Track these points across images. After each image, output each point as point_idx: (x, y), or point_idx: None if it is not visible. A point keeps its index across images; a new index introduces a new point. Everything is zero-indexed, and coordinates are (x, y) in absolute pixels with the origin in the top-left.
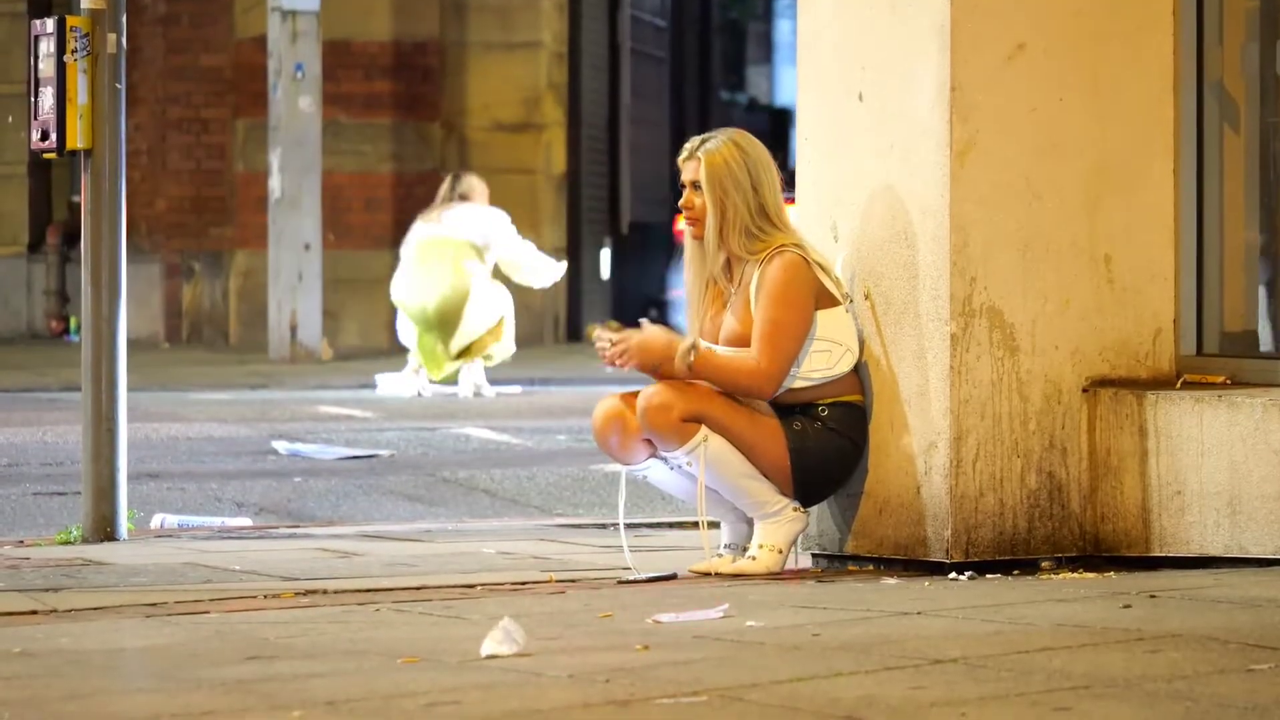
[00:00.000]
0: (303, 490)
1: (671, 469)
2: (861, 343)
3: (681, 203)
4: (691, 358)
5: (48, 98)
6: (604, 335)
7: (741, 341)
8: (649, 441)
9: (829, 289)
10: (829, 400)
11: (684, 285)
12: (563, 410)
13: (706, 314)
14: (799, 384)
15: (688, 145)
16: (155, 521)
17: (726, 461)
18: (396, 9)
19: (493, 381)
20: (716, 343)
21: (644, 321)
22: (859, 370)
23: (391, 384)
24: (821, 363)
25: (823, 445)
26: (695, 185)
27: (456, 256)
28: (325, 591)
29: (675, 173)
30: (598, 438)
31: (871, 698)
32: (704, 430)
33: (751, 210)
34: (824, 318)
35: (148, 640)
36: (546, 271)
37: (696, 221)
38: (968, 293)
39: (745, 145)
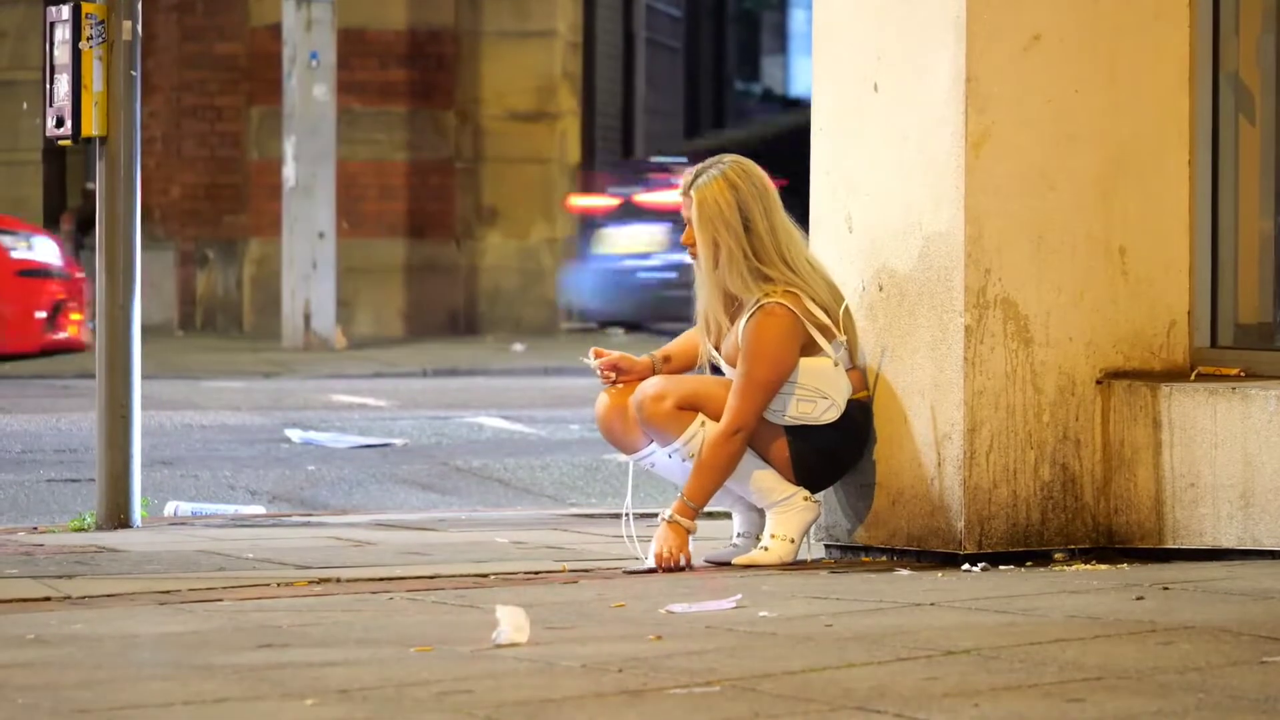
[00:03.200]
0: (316, 478)
1: (671, 458)
2: (849, 386)
3: (683, 239)
4: (690, 526)
5: (63, 84)
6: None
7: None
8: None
9: (818, 341)
10: None
11: (696, 306)
12: (576, 400)
13: (713, 323)
14: (785, 421)
15: (683, 180)
16: (169, 509)
17: None
18: None
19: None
20: (718, 350)
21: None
22: (861, 367)
23: None
24: (806, 410)
25: (822, 440)
26: (691, 222)
27: None
28: (338, 580)
29: (689, 163)
30: (600, 427)
31: (884, 688)
32: (700, 417)
33: (746, 251)
34: (809, 366)
35: (161, 627)
36: None
37: (698, 256)
38: (982, 284)
39: (738, 181)
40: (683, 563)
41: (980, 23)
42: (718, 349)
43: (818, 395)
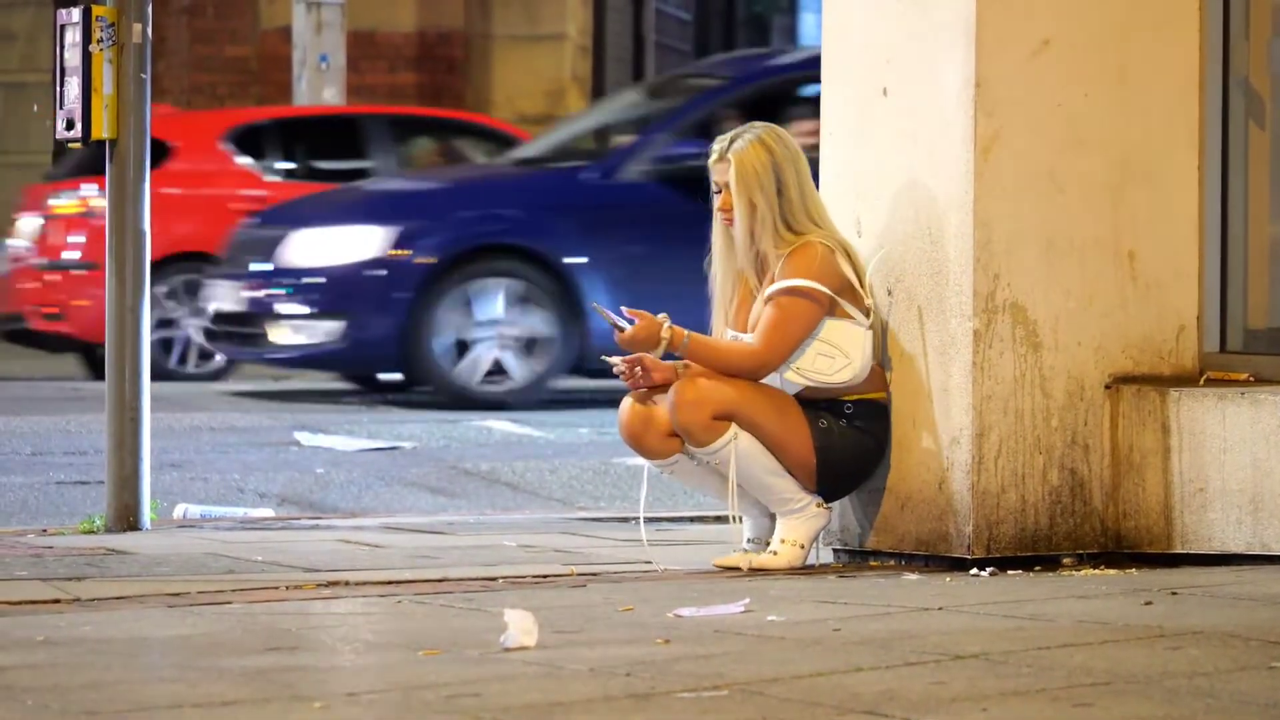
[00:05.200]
0: (325, 481)
1: (698, 464)
2: (873, 354)
3: (719, 205)
4: (667, 334)
5: (73, 87)
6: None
7: None
8: (676, 438)
9: (855, 287)
10: (854, 397)
11: (711, 274)
12: (585, 403)
13: (733, 303)
14: (798, 380)
15: (717, 146)
16: (178, 512)
17: (754, 458)
18: (421, 0)
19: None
20: (745, 332)
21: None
22: (883, 367)
23: None
24: (823, 366)
25: (847, 443)
26: (728, 186)
27: None
28: (347, 583)
29: (711, 151)
30: (624, 433)
31: (892, 692)
32: (734, 428)
33: (776, 214)
34: (834, 324)
35: (170, 630)
36: None
37: (732, 221)
38: (991, 288)
39: (772, 144)
40: (638, 373)
41: (990, 27)
42: (741, 330)
43: (836, 351)
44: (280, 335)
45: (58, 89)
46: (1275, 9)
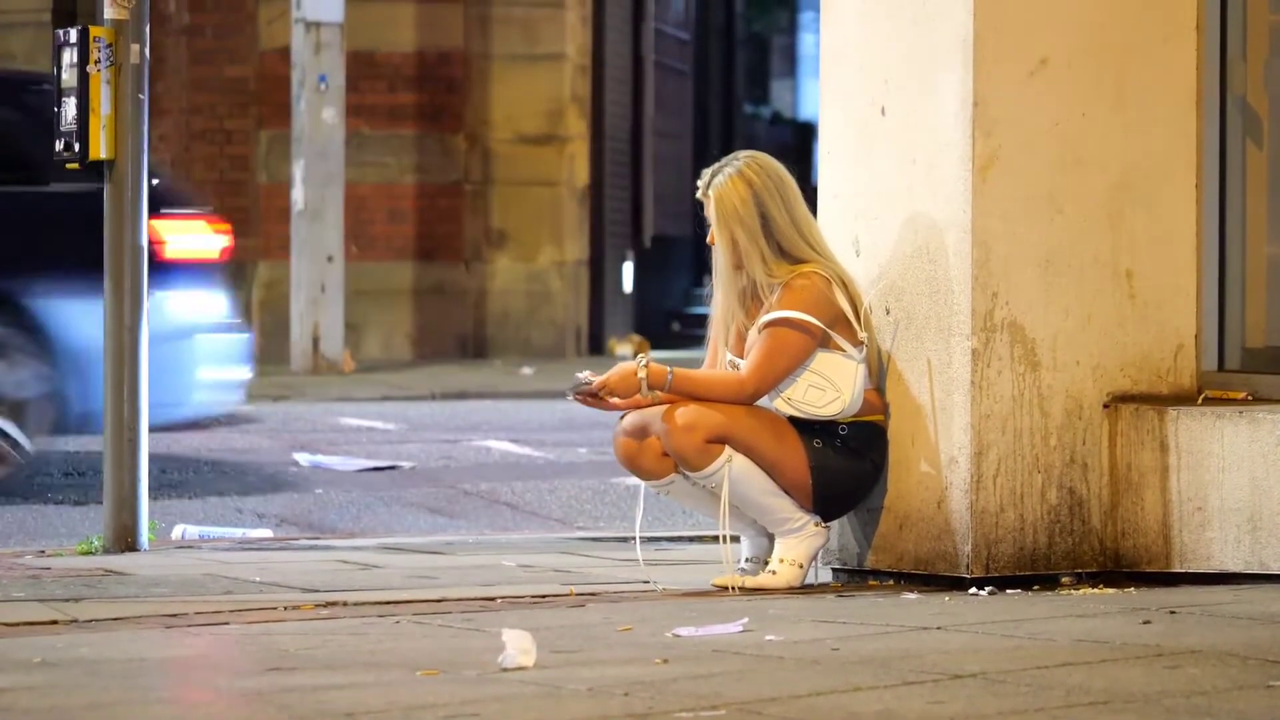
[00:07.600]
0: (324, 502)
1: (694, 486)
2: (868, 382)
3: (708, 240)
4: (643, 374)
5: (71, 108)
6: (581, 388)
7: None
8: (671, 458)
9: (849, 319)
10: (849, 420)
11: (712, 300)
12: (584, 423)
13: (731, 330)
14: (788, 410)
15: (701, 181)
16: (176, 532)
17: (750, 480)
18: (420, 20)
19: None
20: (742, 358)
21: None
22: (880, 389)
23: None
24: (814, 398)
25: (843, 464)
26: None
27: None
28: (345, 603)
29: (698, 185)
30: (620, 455)
31: (890, 712)
32: (728, 451)
33: (762, 245)
34: (826, 357)
35: (168, 651)
36: None
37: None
38: (989, 308)
39: (753, 176)
40: (615, 404)
41: (988, 46)
42: (741, 357)
43: (828, 384)
44: None
45: (56, 110)
46: (1273, 28)
